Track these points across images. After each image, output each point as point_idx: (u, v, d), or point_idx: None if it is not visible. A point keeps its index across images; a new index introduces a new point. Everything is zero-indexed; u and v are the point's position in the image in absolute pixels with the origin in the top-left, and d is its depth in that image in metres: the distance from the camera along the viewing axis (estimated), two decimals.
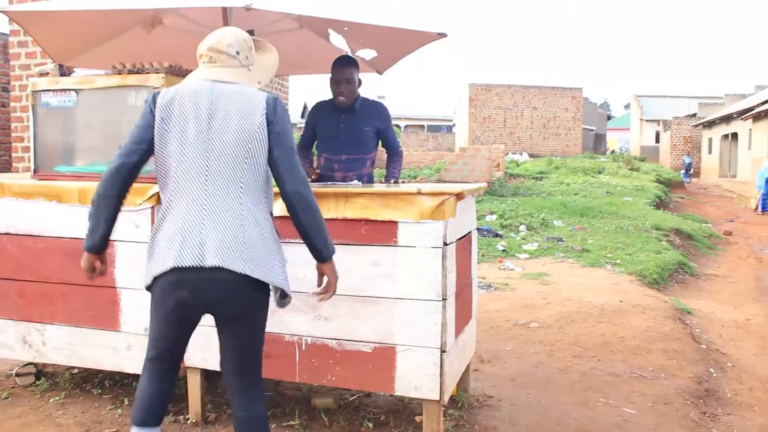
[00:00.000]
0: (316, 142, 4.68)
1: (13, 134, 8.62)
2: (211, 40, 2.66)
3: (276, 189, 2.68)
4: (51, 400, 3.97)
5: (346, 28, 4.47)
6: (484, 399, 4.11)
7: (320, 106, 4.63)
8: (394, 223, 3.21)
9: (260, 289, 2.55)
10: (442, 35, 4.31)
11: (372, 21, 4.14)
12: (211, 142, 2.50)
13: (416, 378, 3.21)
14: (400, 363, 3.23)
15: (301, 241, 3.28)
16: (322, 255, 2.68)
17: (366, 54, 4.80)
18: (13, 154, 8.76)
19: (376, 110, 4.52)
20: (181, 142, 2.50)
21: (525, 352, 5.17)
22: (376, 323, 3.25)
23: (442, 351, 3.17)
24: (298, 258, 3.35)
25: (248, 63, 2.70)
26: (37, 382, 4.20)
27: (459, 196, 3.20)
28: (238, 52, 2.65)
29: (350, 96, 4.40)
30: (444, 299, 3.15)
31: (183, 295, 2.46)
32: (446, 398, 3.29)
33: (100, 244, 2.61)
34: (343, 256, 3.28)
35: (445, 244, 3.15)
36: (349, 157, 4.41)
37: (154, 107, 2.54)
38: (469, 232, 3.79)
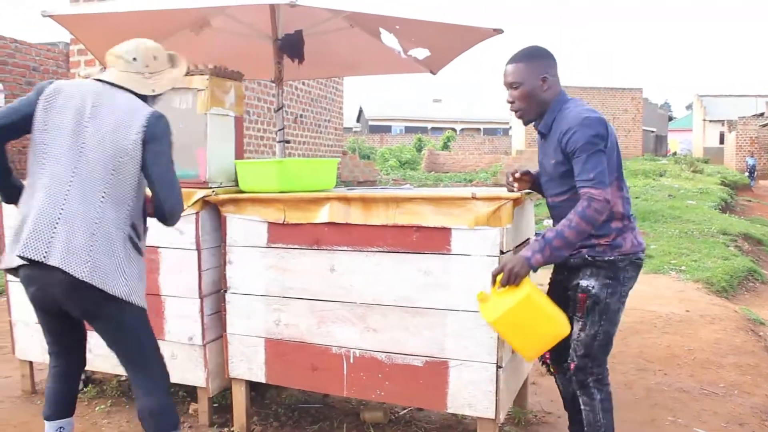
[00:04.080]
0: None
1: None
2: (114, 47, 2.74)
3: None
4: (97, 408, 3.92)
5: (397, 27, 4.32)
6: (543, 415, 3.89)
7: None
8: (447, 229, 3.02)
9: (105, 293, 2.52)
10: (498, 31, 4.11)
11: (424, 17, 3.97)
12: (85, 144, 2.53)
13: (470, 395, 3.02)
14: (453, 378, 3.04)
15: (347, 249, 3.18)
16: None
17: (419, 53, 4.64)
18: None
19: (563, 125, 2.80)
20: (57, 136, 2.53)
21: None
22: (427, 336, 3.07)
23: (498, 366, 2.97)
24: (344, 266, 3.23)
25: (146, 70, 2.72)
26: (85, 389, 4.15)
27: (517, 202, 2.98)
28: (135, 59, 2.69)
29: (523, 109, 2.93)
30: None
31: (34, 290, 2.54)
32: (502, 416, 3.08)
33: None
34: (392, 265, 3.13)
35: (502, 252, 2.94)
36: (554, 200, 2.96)
37: (40, 95, 2.57)
38: (527, 239, 3.57)
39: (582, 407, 2.92)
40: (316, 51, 4.75)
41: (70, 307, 2.56)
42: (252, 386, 3.66)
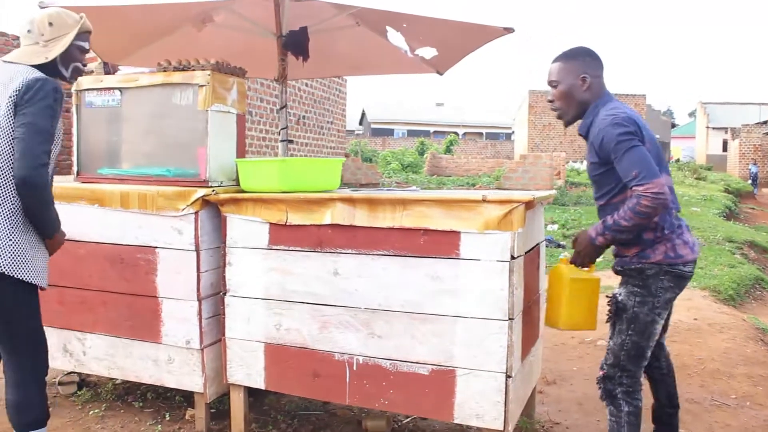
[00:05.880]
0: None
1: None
2: None
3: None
4: (91, 412, 3.80)
5: (405, 25, 4.22)
6: (550, 426, 3.77)
7: None
8: (456, 233, 2.91)
9: None
10: (509, 30, 4.01)
11: (433, 15, 3.86)
12: None
13: (478, 405, 2.90)
14: (461, 388, 2.92)
15: (351, 252, 3.06)
16: (46, 234, 2.73)
17: (426, 53, 4.54)
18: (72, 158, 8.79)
19: (595, 128, 2.78)
20: None
21: (593, 372, 4.77)
22: (434, 343, 2.96)
23: (508, 376, 2.85)
24: (349, 270, 3.11)
25: (41, 39, 2.68)
26: (79, 392, 4.04)
27: (529, 205, 2.87)
28: (29, 30, 2.68)
29: (561, 109, 2.94)
30: (510, 319, 2.84)
31: None
32: (511, 428, 2.96)
33: None
34: (399, 269, 3.02)
35: (513, 257, 2.83)
36: (597, 204, 2.96)
37: None
38: (537, 245, 3.46)
39: (608, 417, 2.87)
40: (320, 49, 4.65)
41: None
42: (250, 392, 3.55)
